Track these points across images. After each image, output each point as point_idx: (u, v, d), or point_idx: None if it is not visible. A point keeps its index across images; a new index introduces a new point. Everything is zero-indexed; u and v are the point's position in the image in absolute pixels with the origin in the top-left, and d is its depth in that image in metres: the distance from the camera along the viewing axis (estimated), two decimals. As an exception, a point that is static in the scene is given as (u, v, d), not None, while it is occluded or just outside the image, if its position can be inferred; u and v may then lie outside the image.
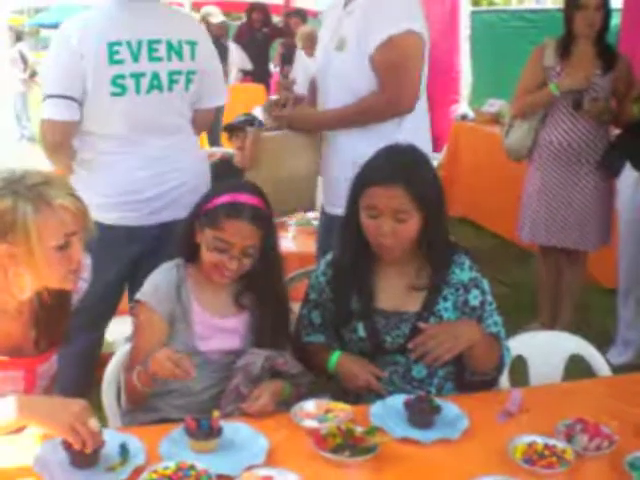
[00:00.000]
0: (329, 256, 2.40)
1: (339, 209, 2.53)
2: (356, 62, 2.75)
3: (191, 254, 2.29)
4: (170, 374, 1.99)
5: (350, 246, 2.30)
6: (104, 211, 2.76)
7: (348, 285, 2.30)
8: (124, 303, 3.01)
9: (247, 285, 2.29)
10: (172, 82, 2.83)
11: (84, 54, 2.69)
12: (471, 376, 2.27)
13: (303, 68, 7.22)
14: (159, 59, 2.79)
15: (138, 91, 2.77)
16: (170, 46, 2.81)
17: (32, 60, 12.72)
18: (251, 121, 4.82)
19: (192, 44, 2.88)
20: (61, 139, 2.78)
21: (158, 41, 2.78)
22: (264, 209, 2.24)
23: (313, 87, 3.10)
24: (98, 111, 2.76)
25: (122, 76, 2.74)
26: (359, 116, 2.79)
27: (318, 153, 2.97)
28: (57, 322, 2.04)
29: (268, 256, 2.26)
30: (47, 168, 5.36)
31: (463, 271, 2.30)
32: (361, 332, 2.27)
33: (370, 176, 2.22)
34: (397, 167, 2.20)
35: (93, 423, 1.73)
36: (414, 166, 2.24)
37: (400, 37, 2.67)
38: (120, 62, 2.72)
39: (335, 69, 2.84)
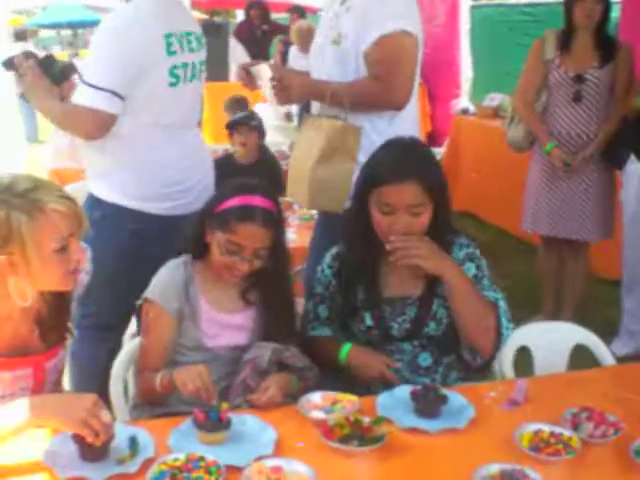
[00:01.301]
0: (334, 250, 2.41)
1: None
2: (351, 57, 2.75)
3: (200, 252, 2.30)
4: (195, 391, 2.00)
5: (358, 243, 2.31)
6: (154, 201, 2.84)
7: (356, 278, 2.32)
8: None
9: (254, 281, 2.29)
10: (201, 71, 3.01)
11: (147, 45, 2.76)
12: (470, 356, 2.27)
13: (297, 65, 7.18)
14: (193, 50, 2.94)
15: (185, 80, 2.89)
16: (196, 37, 2.97)
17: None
18: (251, 117, 4.86)
19: (201, 36, 3.05)
20: (102, 128, 2.74)
21: (190, 33, 2.93)
22: (275, 210, 2.24)
23: None
24: (155, 101, 2.81)
25: (176, 66, 2.85)
26: (354, 92, 2.70)
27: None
28: (58, 318, 2.03)
29: (276, 253, 2.26)
30: (44, 167, 5.37)
31: (461, 249, 2.33)
32: (369, 321, 2.29)
33: (380, 175, 2.21)
34: (406, 162, 2.21)
35: (106, 416, 1.74)
36: (422, 158, 2.26)
37: (392, 36, 2.67)
38: (174, 53, 2.84)
39: (330, 63, 2.84)
